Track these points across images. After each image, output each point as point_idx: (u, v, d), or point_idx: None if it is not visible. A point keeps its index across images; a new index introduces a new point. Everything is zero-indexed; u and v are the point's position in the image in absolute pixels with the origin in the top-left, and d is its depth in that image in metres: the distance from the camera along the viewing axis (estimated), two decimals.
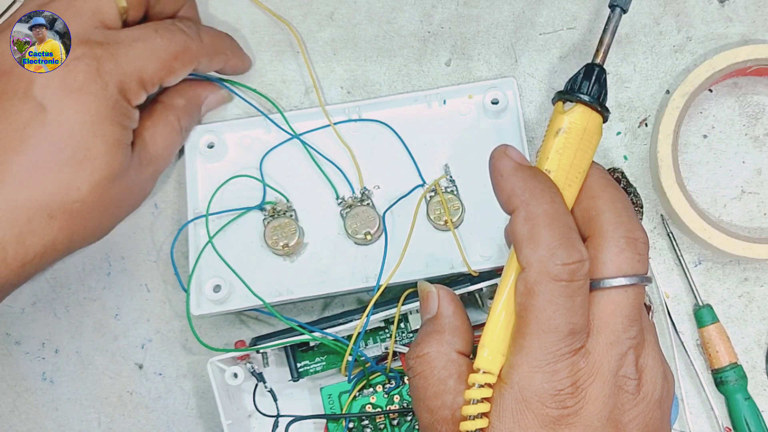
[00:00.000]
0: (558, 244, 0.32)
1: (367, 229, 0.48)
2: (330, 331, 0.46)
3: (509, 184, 0.34)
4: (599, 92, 0.35)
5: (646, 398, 0.34)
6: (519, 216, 0.33)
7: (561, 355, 0.32)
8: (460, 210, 0.48)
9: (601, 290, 0.33)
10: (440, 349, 0.36)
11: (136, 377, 0.51)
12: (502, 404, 0.33)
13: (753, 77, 0.51)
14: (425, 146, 0.49)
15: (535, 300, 0.32)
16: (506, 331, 0.34)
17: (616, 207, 0.34)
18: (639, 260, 0.33)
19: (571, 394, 0.32)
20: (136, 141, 0.44)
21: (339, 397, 0.48)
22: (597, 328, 0.33)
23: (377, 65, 0.53)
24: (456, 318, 0.37)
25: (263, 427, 0.49)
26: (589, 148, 0.35)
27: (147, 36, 0.43)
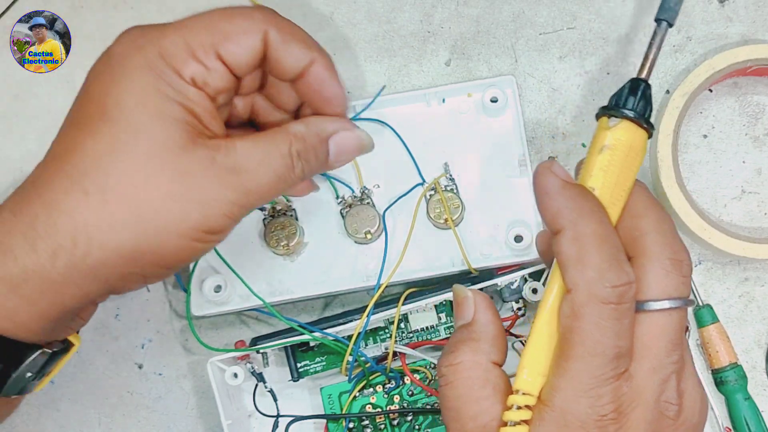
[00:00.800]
0: (607, 266, 0.31)
1: (367, 228, 0.48)
2: (330, 331, 0.46)
3: (556, 203, 0.33)
4: (645, 108, 0.35)
5: (685, 423, 0.33)
6: (566, 236, 0.32)
7: (605, 379, 0.31)
8: (460, 208, 0.48)
9: (646, 312, 0.32)
10: (475, 358, 0.35)
11: (136, 377, 0.51)
12: (541, 427, 0.32)
13: (753, 77, 0.51)
14: (425, 145, 0.49)
15: (582, 323, 0.31)
16: (547, 352, 0.33)
17: (661, 227, 0.33)
18: (683, 282, 0.33)
19: (614, 420, 0.31)
20: (220, 142, 0.37)
21: (339, 397, 0.48)
22: (640, 351, 0.32)
23: (377, 65, 0.53)
24: (493, 327, 0.36)
25: (263, 427, 0.49)
26: (634, 166, 0.34)
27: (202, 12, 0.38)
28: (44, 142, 0.52)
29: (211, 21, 0.37)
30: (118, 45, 0.37)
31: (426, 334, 0.49)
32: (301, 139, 0.39)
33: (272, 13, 0.39)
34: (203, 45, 0.36)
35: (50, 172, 0.36)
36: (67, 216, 0.35)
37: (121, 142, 0.35)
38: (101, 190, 0.35)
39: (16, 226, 0.35)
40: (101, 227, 0.35)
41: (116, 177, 0.35)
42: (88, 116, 0.36)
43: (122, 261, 0.35)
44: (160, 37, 0.37)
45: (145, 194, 0.35)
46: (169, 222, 0.35)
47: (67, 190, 0.35)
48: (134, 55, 0.36)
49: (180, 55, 0.36)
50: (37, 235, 0.35)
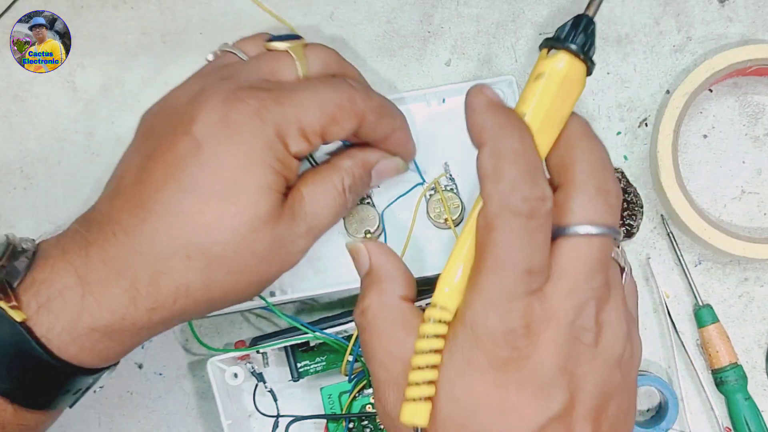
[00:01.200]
0: (522, 179, 0.31)
1: (367, 227, 0.48)
2: (330, 331, 0.46)
3: (480, 119, 0.33)
4: (585, 42, 0.34)
5: (604, 354, 0.33)
6: (485, 151, 0.32)
7: (516, 294, 0.31)
8: (459, 208, 0.48)
9: (566, 237, 0.32)
10: (381, 298, 0.36)
11: (136, 377, 0.51)
12: (454, 342, 0.32)
13: (753, 77, 0.51)
14: (424, 145, 0.49)
15: (494, 234, 0.31)
16: (467, 269, 0.33)
17: (591, 157, 0.33)
18: (608, 211, 0.32)
19: (523, 335, 0.31)
20: (293, 194, 0.41)
21: (339, 397, 0.48)
22: (557, 273, 0.32)
23: (377, 65, 0.53)
24: (390, 265, 0.37)
25: (263, 427, 0.49)
26: (568, 97, 0.34)
27: (313, 84, 0.41)
28: (44, 142, 0.53)
29: (322, 103, 0.40)
30: (238, 113, 0.38)
31: None
32: (351, 174, 0.43)
33: (368, 93, 0.42)
34: (314, 127, 0.40)
35: (146, 227, 0.38)
36: (170, 278, 0.38)
37: (229, 214, 0.38)
38: (204, 256, 0.38)
39: (114, 280, 0.37)
40: (200, 287, 0.38)
41: (220, 246, 0.38)
42: (196, 181, 0.38)
43: (210, 307, 0.40)
44: (279, 113, 0.39)
45: (242, 261, 0.39)
46: (257, 277, 0.40)
47: (170, 254, 0.38)
48: (256, 131, 0.38)
49: (293, 135, 0.39)
50: (138, 294, 0.38)
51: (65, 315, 0.37)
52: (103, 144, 0.53)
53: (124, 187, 0.39)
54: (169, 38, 0.53)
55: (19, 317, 0.36)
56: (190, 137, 0.38)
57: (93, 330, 0.37)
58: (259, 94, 0.39)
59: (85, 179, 0.53)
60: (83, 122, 0.53)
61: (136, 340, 0.40)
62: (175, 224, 0.37)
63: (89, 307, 0.37)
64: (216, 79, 0.40)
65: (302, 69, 0.42)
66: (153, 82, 0.53)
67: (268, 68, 0.41)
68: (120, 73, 0.53)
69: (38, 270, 0.38)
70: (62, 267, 0.38)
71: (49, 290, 0.37)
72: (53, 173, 0.53)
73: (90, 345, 0.38)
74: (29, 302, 0.37)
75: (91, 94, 0.53)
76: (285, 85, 0.41)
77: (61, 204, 0.53)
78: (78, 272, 0.37)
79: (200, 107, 0.38)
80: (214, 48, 0.53)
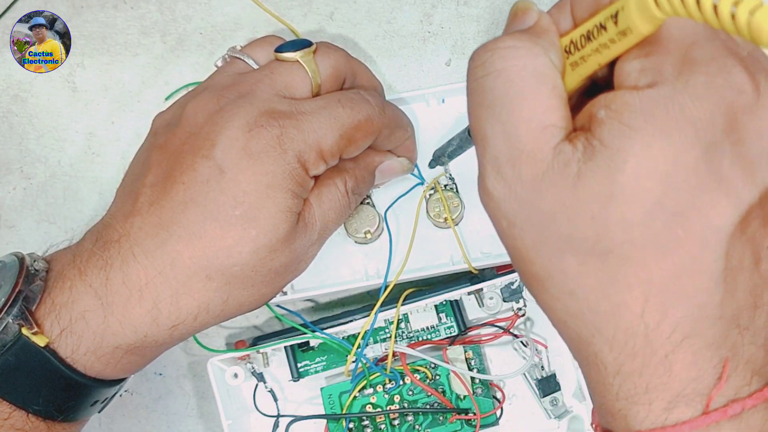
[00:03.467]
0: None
1: (367, 228, 0.48)
2: (330, 331, 0.47)
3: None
4: None
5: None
6: None
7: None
8: (459, 207, 0.48)
9: None
10: (533, 49, 0.29)
11: (136, 377, 0.51)
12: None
13: None
14: (424, 145, 0.49)
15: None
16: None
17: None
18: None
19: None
20: (304, 206, 0.41)
21: (339, 397, 0.48)
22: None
23: (377, 65, 0.53)
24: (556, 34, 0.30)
25: (263, 427, 0.49)
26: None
27: (331, 106, 0.41)
28: (44, 142, 0.53)
29: (341, 126, 0.40)
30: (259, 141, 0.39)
31: (426, 334, 0.49)
32: (354, 175, 0.43)
33: (383, 109, 0.43)
34: (332, 150, 0.40)
35: (167, 249, 0.38)
36: (191, 298, 0.38)
37: (250, 238, 0.38)
38: (224, 277, 0.38)
39: (136, 302, 0.38)
40: (219, 303, 0.39)
41: (239, 267, 0.38)
42: (218, 205, 0.38)
43: (225, 317, 0.41)
44: (300, 143, 0.39)
45: (260, 277, 0.39)
46: (271, 288, 0.41)
47: (190, 276, 0.38)
48: (278, 159, 0.39)
49: (312, 159, 0.40)
50: (159, 314, 0.38)
51: (88, 336, 0.38)
52: (103, 144, 0.53)
53: (142, 205, 0.39)
54: (169, 38, 0.53)
55: (42, 342, 0.37)
56: (212, 162, 0.38)
57: (116, 348, 0.38)
58: (279, 122, 0.39)
59: (85, 179, 0.53)
60: (83, 122, 0.53)
61: (157, 353, 0.41)
62: (198, 247, 0.38)
63: (112, 328, 0.38)
64: (233, 96, 0.40)
65: (315, 79, 0.42)
66: (153, 82, 0.53)
67: (282, 82, 0.41)
68: (120, 73, 0.53)
69: (57, 292, 0.38)
70: (82, 289, 0.38)
71: (70, 313, 0.38)
72: (53, 173, 0.53)
73: (114, 361, 0.39)
74: (51, 326, 0.37)
75: (91, 94, 0.53)
76: (303, 105, 0.40)
77: (61, 204, 0.53)
78: (98, 294, 0.38)
79: (220, 131, 0.38)
80: (214, 48, 0.54)
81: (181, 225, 0.38)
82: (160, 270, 0.38)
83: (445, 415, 0.47)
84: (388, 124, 0.43)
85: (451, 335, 0.48)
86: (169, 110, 0.43)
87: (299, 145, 0.39)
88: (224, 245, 0.38)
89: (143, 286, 0.38)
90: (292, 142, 0.39)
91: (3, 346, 0.36)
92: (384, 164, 0.45)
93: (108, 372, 0.39)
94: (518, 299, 0.48)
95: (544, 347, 0.48)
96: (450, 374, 0.47)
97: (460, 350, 0.47)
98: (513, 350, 0.49)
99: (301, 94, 0.41)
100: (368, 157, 0.44)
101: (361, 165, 0.44)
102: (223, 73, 0.43)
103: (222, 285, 0.39)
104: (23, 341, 0.36)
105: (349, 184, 0.43)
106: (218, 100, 0.40)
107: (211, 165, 0.38)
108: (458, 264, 0.48)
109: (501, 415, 0.48)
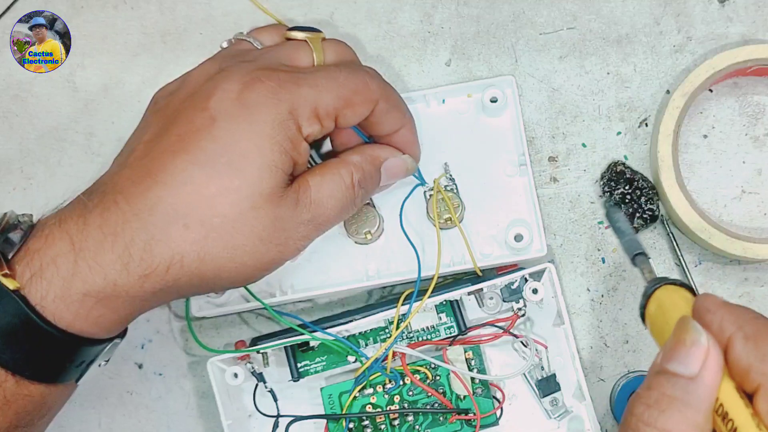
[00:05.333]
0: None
1: (367, 228, 0.48)
2: (331, 331, 0.46)
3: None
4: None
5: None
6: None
7: None
8: (460, 208, 0.48)
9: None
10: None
11: (136, 377, 0.51)
12: None
13: (753, 77, 0.51)
14: (424, 145, 0.49)
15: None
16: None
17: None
18: None
19: None
20: (299, 181, 0.41)
21: (339, 397, 0.48)
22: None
23: (377, 65, 0.52)
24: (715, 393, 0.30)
25: (263, 427, 0.49)
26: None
27: (330, 69, 0.41)
28: (44, 142, 0.53)
29: (338, 86, 0.40)
30: (255, 91, 0.39)
31: (426, 334, 0.49)
32: (360, 168, 0.43)
33: (383, 82, 0.43)
34: (327, 110, 0.40)
35: (150, 195, 0.38)
36: (165, 245, 0.38)
37: (233, 187, 0.38)
38: (203, 228, 0.38)
39: (109, 246, 0.37)
40: (195, 258, 0.38)
41: (219, 219, 0.38)
42: (206, 153, 0.38)
43: (203, 283, 0.40)
44: (296, 94, 0.39)
45: (240, 237, 0.38)
46: (253, 259, 0.39)
47: (168, 222, 0.38)
48: (270, 109, 0.39)
49: (306, 115, 0.39)
50: (131, 260, 0.37)
51: (57, 281, 0.37)
52: (103, 144, 0.53)
53: (133, 159, 0.39)
54: (169, 38, 0.53)
55: (12, 285, 0.36)
56: (206, 112, 0.38)
57: (86, 296, 0.37)
58: (278, 75, 0.39)
59: (85, 179, 0.52)
60: (83, 122, 0.53)
61: (130, 309, 0.39)
62: (180, 194, 0.38)
63: (81, 273, 0.37)
64: (235, 61, 0.41)
65: (318, 59, 0.42)
66: (153, 82, 0.53)
67: (286, 54, 0.42)
68: (120, 73, 0.53)
69: (33, 240, 0.38)
70: (57, 235, 0.38)
71: (42, 258, 0.37)
72: (53, 173, 0.53)
73: (84, 312, 0.38)
74: (23, 271, 0.37)
75: (91, 94, 0.53)
76: (302, 69, 0.41)
77: (61, 204, 0.52)
78: (72, 239, 0.37)
79: (218, 84, 0.39)
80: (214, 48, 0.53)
81: (167, 172, 0.38)
82: (137, 215, 0.37)
83: (445, 415, 0.47)
84: (386, 97, 0.43)
85: (451, 335, 0.48)
86: (169, 83, 0.43)
87: (295, 98, 0.39)
88: (207, 193, 0.38)
89: (118, 230, 0.37)
90: (288, 94, 0.39)
91: None
92: (389, 161, 0.45)
93: (79, 325, 0.38)
94: (518, 299, 0.48)
95: (544, 347, 0.48)
96: (450, 374, 0.47)
97: (460, 350, 0.47)
98: (513, 350, 0.49)
99: (304, 66, 0.42)
100: (374, 151, 0.44)
101: (367, 159, 0.44)
102: (228, 49, 0.44)
103: (199, 237, 0.38)
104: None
105: (356, 177, 0.42)
106: (220, 64, 0.41)
107: (205, 116, 0.38)
108: (458, 264, 0.48)
109: (501, 415, 0.48)
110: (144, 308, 0.40)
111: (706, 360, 0.29)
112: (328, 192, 0.41)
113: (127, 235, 0.37)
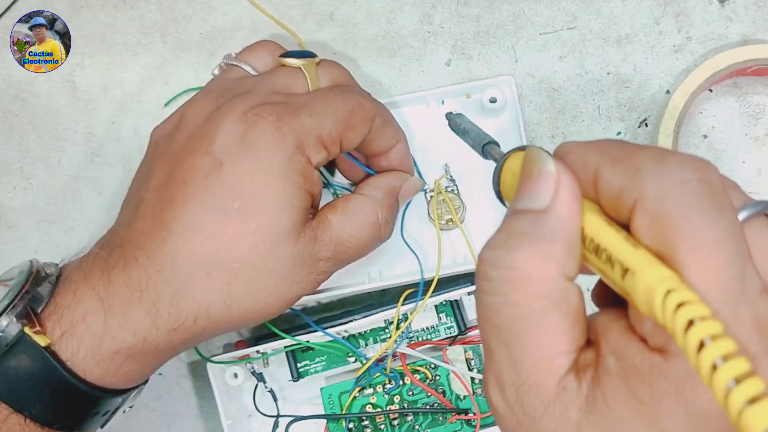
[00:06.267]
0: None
1: None
2: (330, 331, 0.47)
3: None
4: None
5: None
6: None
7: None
8: (461, 209, 0.48)
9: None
10: (545, 270, 0.25)
11: None
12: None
13: (753, 77, 0.51)
14: (424, 146, 0.49)
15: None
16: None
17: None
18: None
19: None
20: (320, 218, 0.41)
21: (339, 397, 0.48)
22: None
23: (377, 65, 0.52)
24: (575, 226, 0.26)
25: (263, 427, 0.49)
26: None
27: (324, 93, 0.41)
28: (44, 142, 0.53)
29: (336, 110, 0.40)
30: (257, 129, 0.38)
31: (426, 334, 0.49)
32: (385, 205, 0.43)
33: (374, 100, 0.44)
34: (332, 136, 0.40)
35: (167, 248, 0.38)
36: (191, 298, 0.38)
37: (249, 230, 0.38)
38: (225, 275, 0.38)
39: (135, 303, 0.38)
40: (221, 306, 0.38)
41: (239, 263, 0.38)
42: (216, 198, 0.38)
43: (230, 326, 0.40)
44: (298, 127, 0.39)
45: (263, 279, 0.38)
46: (276, 297, 0.39)
47: (190, 274, 0.38)
48: (276, 146, 0.38)
49: (313, 145, 0.39)
50: (159, 316, 0.38)
51: (88, 339, 0.37)
52: (103, 144, 0.53)
53: (144, 210, 0.39)
54: (169, 38, 0.53)
55: (43, 342, 0.37)
56: (211, 158, 0.38)
57: (116, 353, 0.38)
58: (275, 108, 0.39)
59: (85, 179, 0.53)
60: (83, 122, 0.53)
61: (158, 361, 0.40)
62: (197, 243, 0.37)
63: (111, 331, 0.37)
64: (230, 96, 0.40)
65: (313, 85, 0.42)
66: (153, 82, 0.53)
67: (282, 83, 0.42)
68: (120, 73, 0.53)
69: (61, 295, 0.38)
70: (85, 291, 0.38)
71: (72, 315, 0.37)
72: (53, 173, 0.53)
73: (114, 368, 0.38)
74: (53, 328, 0.37)
75: (91, 94, 0.53)
76: (298, 96, 0.41)
77: (61, 204, 0.53)
78: (100, 296, 0.38)
79: (218, 126, 0.39)
80: (214, 48, 0.54)
81: (180, 222, 0.38)
82: (159, 268, 0.38)
83: (445, 415, 0.47)
84: (381, 113, 0.43)
85: (451, 335, 0.48)
86: (167, 121, 0.43)
87: (298, 130, 0.39)
88: (224, 240, 0.37)
89: (143, 286, 0.38)
90: (290, 126, 0.39)
91: (5, 345, 0.36)
92: (404, 188, 0.45)
93: (108, 379, 0.38)
94: None
95: None
96: (450, 374, 0.47)
97: (460, 350, 0.47)
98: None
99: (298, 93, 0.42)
100: (390, 182, 0.45)
101: (388, 192, 0.44)
102: (221, 80, 0.43)
103: (223, 284, 0.38)
104: (25, 341, 0.36)
105: (381, 215, 0.42)
106: (215, 101, 0.40)
107: (211, 160, 0.38)
108: (461, 266, 0.48)
109: None
110: (171, 356, 0.40)
111: (557, 190, 0.26)
112: (350, 231, 0.41)
113: (152, 292, 0.38)
